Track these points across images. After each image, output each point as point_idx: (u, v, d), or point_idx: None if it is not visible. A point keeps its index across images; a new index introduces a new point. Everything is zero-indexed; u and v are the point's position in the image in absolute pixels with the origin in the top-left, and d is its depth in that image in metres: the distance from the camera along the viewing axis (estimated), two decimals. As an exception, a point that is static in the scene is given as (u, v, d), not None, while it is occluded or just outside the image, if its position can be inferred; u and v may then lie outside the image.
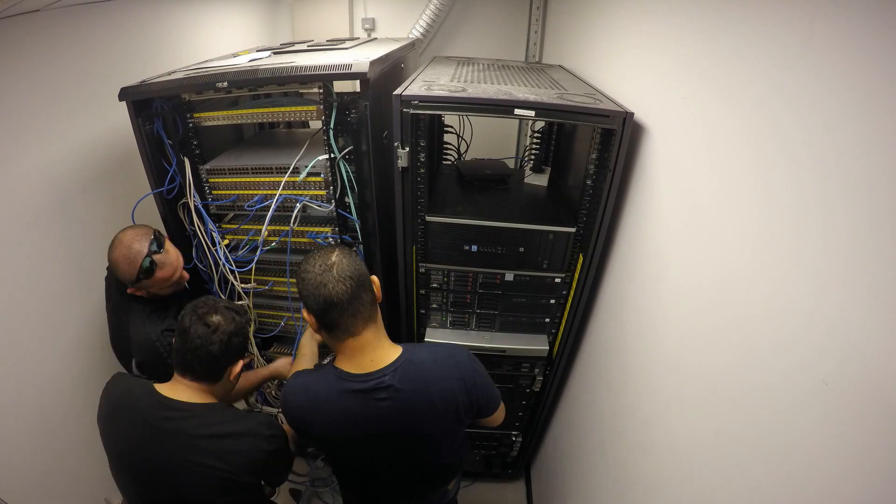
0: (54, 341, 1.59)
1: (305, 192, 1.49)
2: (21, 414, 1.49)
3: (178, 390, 1.08)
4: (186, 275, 1.42)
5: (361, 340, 1.02)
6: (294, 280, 1.64)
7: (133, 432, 1.04)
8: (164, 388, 1.08)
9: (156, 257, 1.30)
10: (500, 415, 1.22)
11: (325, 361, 1.11)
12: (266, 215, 1.60)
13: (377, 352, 1.03)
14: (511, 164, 2.32)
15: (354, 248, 1.20)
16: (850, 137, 0.59)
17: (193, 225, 1.55)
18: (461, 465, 1.34)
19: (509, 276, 1.57)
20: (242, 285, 1.65)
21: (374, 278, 1.06)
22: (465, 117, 1.87)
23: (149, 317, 1.36)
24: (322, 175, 1.46)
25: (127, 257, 1.26)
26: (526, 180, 1.88)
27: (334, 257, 1.00)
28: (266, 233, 1.53)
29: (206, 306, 1.08)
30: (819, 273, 0.63)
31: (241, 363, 1.12)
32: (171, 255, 1.35)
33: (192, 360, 1.06)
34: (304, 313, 1.04)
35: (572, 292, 1.53)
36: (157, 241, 1.32)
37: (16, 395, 1.46)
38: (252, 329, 1.15)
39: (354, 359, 1.03)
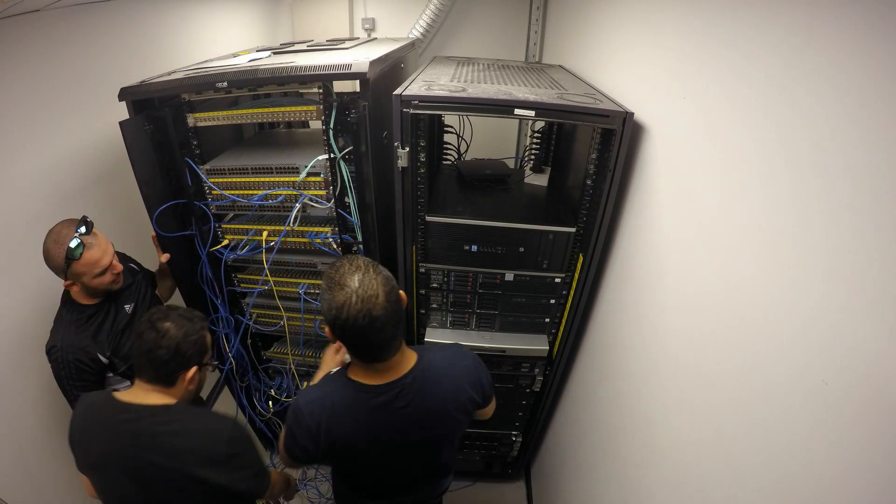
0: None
1: (305, 192, 1.49)
2: (23, 413, 1.49)
3: (135, 393, 1.09)
4: (119, 266, 1.38)
5: (382, 366, 0.99)
6: (291, 279, 1.65)
7: (98, 443, 1.06)
8: (122, 394, 1.10)
9: (83, 238, 1.28)
10: (492, 407, 1.25)
11: (333, 372, 1.08)
12: (266, 215, 1.60)
13: (398, 368, 1.01)
14: (511, 164, 2.31)
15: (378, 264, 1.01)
16: (853, 138, 0.59)
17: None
18: (455, 463, 1.38)
19: (509, 276, 1.57)
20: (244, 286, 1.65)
21: (402, 293, 0.97)
22: (465, 117, 1.87)
23: (70, 325, 1.34)
24: (322, 175, 1.46)
25: (56, 241, 1.26)
26: (526, 180, 1.88)
27: (375, 286, 0.88)
28: (266, 233, 1.54)
29: (160, 312, 1.10)
30: (820, 273, 0.63)
31: (194, 370, 1.11)
32: (100, 238, 1.34)
33: (144, 364, 1.07)
34: (327, 330, 0.94)
35: (572, 292, 1.53)
36: (86, 225, 1.31)
37: (17, 395, 1.47)
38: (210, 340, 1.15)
39: (375, 376, 1.00)
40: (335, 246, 1.57)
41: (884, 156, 0.54)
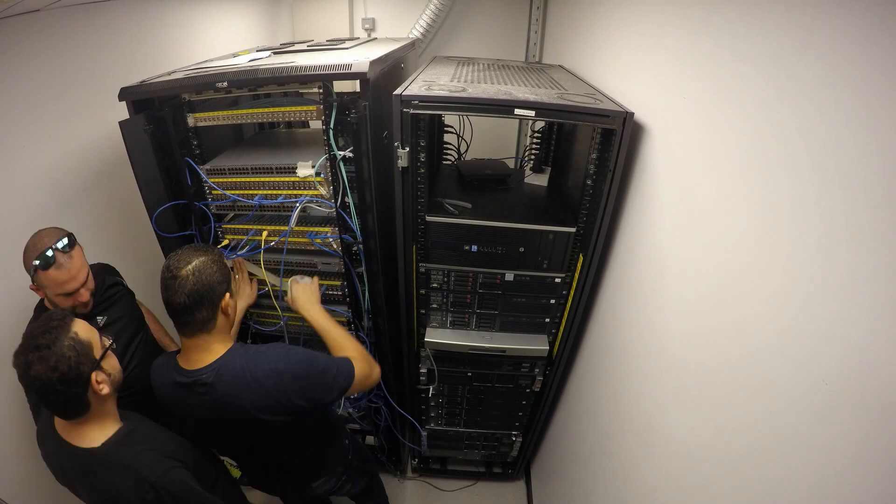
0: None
1: (305, 192, 1.49)
2: (20, 413, 1.49)
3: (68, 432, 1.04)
4: (86, 296, 1.32)
5: (189, 343, 1.14)
6: (287, 279, 1.65)
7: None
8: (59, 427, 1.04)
9: (57, 253, 1.22)
10: (359, 379, 1.25)
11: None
12: (266, 215, 1.60)
13: (202, 354, 1.14)
14: (511, 164, 2.31)
15: (216, 254, 1.15)
16: (850, 136, 0.59)
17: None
18: (333, 466, 1.46)
19: (509, 276, 1.57)
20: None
21: (226, 298, 1.13)
22: (465, 117, 1.87)
23: None
24: (322, 175, 1.46)
25: (34, 245, 1.23)
26: (526, 180, 1.88)
27: (184, 271, 1.07)
28: (266, 233, 1.54)
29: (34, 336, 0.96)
30: (820, 273, 0.63)
31: (93, 378, 0.98)
32: (75, 261, 1.27)
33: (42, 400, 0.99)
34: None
35: (572, 292, 1.53)
36: (70, 241, 1.26)
37: (15, 395, 1.46)
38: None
39: (186, 353, 1.16)
40: (335, 246, 1.57)
41: (882, 155, 0.54)
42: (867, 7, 0.58)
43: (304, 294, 1.49)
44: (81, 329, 1.01)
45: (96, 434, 1.03)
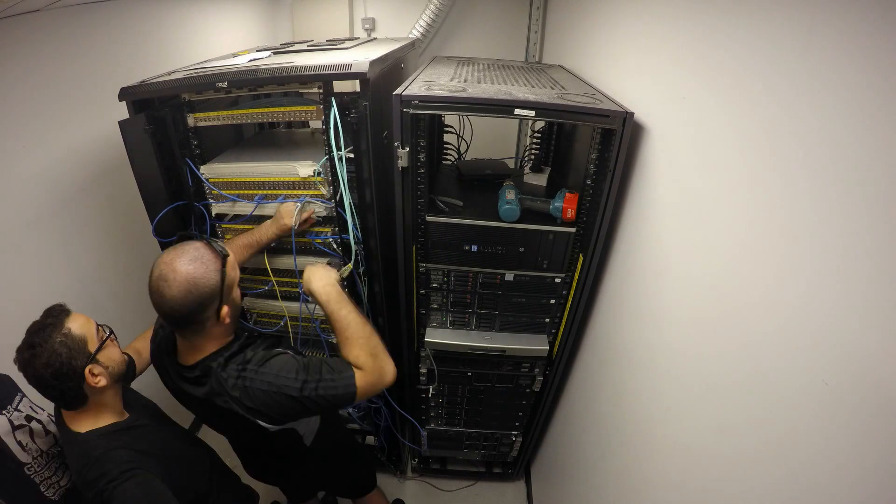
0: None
1: (306, 192, 1.49)
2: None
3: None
4: None
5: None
6: (294, 281, 1.65)
7: None
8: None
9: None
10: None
11: None
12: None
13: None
14: (511, 163, 2.32)
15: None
16: (849, 137, 0.59)
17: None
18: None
19: (509, 276, 1.57)
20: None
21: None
22: (465, 117, 1.87)
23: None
24: (322, 175, 1.46)
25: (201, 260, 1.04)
26: (525, 180, 1.88)
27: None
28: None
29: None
30: (821, 273, 0.63)
31: (87, 371, 1.02)
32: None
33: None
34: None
35: (572, 292, 1.53)
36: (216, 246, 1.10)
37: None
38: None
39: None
40: (335, 246, 1.57)
41: (880, 156, 0.54)
42: (868, 6, 0.58)
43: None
44: (76, 324, 1.05)
45: (89, 423, 1.07)
